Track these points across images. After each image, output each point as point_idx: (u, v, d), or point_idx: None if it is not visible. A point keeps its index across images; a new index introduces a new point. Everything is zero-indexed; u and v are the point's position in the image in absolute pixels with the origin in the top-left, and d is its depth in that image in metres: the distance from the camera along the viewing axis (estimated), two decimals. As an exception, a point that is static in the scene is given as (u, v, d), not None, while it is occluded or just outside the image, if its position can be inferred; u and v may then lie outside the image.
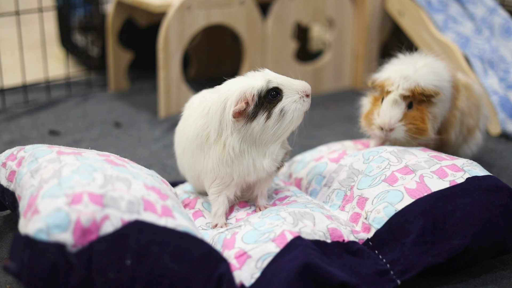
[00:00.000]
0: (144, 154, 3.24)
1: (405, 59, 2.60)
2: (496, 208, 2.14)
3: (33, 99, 3.97)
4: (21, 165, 2.16)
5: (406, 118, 2.48)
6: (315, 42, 5.17)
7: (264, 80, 2.21)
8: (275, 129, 2.21)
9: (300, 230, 2.07)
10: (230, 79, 2.30)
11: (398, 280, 2.03)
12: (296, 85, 2.26)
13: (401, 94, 2.47)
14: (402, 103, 2.48)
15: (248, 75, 2.27)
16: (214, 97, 2.25)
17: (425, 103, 2.49)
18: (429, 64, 2.54)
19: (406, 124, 2.49)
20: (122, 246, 1.81)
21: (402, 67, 2.52)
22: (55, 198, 1.83)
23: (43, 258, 1.73)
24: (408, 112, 2.49)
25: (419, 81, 2.46)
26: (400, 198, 2.20)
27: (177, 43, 3.60)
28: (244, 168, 2.24)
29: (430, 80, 2.47)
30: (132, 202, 1.91)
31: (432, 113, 2.51)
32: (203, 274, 1.86)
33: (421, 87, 2.44)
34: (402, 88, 2.47)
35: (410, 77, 2.47)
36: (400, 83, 2.47)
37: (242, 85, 2.21)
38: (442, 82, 2.51)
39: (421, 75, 2.47)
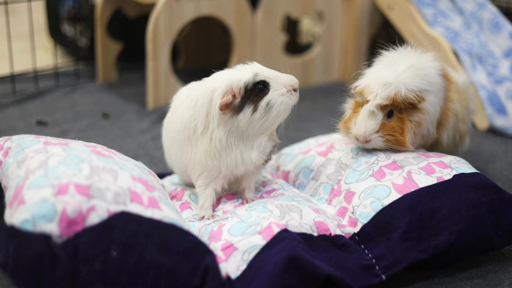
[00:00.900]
0: (131, 146, 3.24)
1: (390, 58, 2.45)
2: (482, 205, 2.15)
3: (21, 89, 3.95)
4: (7, 155, 2.15)
5: (384, 129, 2.34)
6: (304, 35, 5.16)
7: (251, 73, 2.20)
8: (262, 122, 2.21)
9: (287, 223, 2.08)
10: (218, 72, 2.29)
11: (383, 275, 2.03)
12: (284, 79, 2.25)
13: (378, 104, 2.32)
14: (380, 113, 2.33)
15: (236, 68, 2.27)
16: (202, 89, 2.25)
17: (408, 110, 2.34)
18: (414, 65, 2.37)
19: (384, 135, 2.34)
20: (108, 237, 1.81)
21: (383, 73, 2.36)
22: (41, 189, 1.83)
23: (28, 249, 1.72)
24: (387, 122, 2.34)
25: (400, 88, 2.30)
26: (387, 193, 2.20)
27: (166, 34, 3.59)
28: (231, 161, 2.23)
29: (414, 84, 2.32)
30: (119, 193, 1.91)
31: (415, 121, 2.36)
32: (189, 266, 1.86)
33: (401, 96, 2.29)
34: (380, 97, 2.31)
35: (390, 84, 2.30)
36: (379, 91, 2.31)
37: (229, 77, 2.20)
38: (429, 83, 2.37)
39: (403, 81, 2.31)
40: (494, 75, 3.60)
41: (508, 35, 3.72)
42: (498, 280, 2.12)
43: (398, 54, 2.47)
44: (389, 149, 2.39)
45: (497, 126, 3.43)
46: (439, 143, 2.56)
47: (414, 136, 2.38)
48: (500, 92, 3.55)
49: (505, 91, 3.56)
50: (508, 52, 3.70)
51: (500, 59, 3.67)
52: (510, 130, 3.41)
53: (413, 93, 2.31)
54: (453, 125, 2.56)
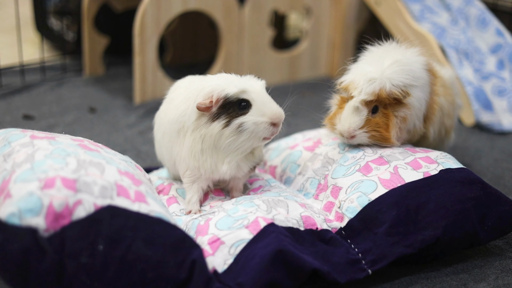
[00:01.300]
0: (118, 140, 3.23)
1: (375, 54, 2.45)
2: (468, 200, 2.16)
3: (7, 83, 3.93)
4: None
5: (369, 125, 2.34)
6: (291, 30, 5.16)
7: (239, 88, 2.16)
8: (230, 141, 2.17)
9: (274, 217, 2.08)
10: (224, 73, 2.29)
11: (369, 269, 2.04)
12: (269, 108, 2.19)
13: (363, 100, 2.32)
14: (364, 109, 2.33)
15: (238, 77, 2.24)
16: (198, 84, 2.24)
17: (394, 105, 2.34)
18: (399, 60, 2.36)
19: (369, 131, 2.35)
20: (95, 231, 1.81)
21: (368, 68, 2.35)
22: (28, 183, 1.82)
23: (15, 242, 1.72)
24: (372, 118, 2.34)
25: (385, 84, 2.30)
26: (374, 188, 2.21)
27: (153, 28, 3.58)
28: (208, 167, 2.23)
29: (399, 79, 2.32)
30: (105, 187, 1.91)
31: (400, 116, 2.36)
32: (175, 260, 1.86)
33: (386, 91, 2.30)
34: (365, 93, 2.30)
35: (375, 80, 2.30)
36: (364, 87, 2.31)
37: (219, 83, 2.18)
38: (414, 78, 2.36)
39: (388, 76, 2.31)
40: (480, 71, 3.61)
41: (494, 31, 3.74)
42: (484, 275, 2.13)
43: (384, 49, 2.47)
44: (374, 144, 2.39)
45: (483, 122, 3.44)
46: (425, 137, 2.56)
47: (400, 131, 2.38)
48: (487, 88, 3.56)
49: (491, 87, 3.57)
50: (494, 48, 3.71)
51: (486, 55, 3.69)
52: (496, 126, 3.42)
53: (398, 88, 2.30)
54: (439, 119, 2.56)
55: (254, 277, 1.88)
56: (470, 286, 2.07)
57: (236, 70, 3.92)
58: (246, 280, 1.88)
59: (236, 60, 3.96)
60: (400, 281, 2.09)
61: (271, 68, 4.12)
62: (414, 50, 2.48)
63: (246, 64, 4.00)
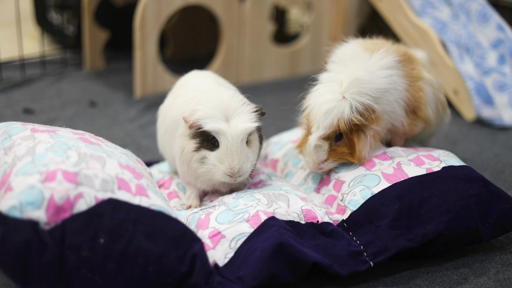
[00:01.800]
0: (119, 134, 3.23)
1: (335, 70, 2.32)
2: (470, 197, 2.16)
3: (8, 77, 3.93)
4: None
5: (333, 155, 2.27)
6: (292, 25, 5.16)
7: (214, 128, 2.13)
8: (196, 166, 2.20)
9: (274, 211, 2.08)
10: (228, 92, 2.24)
11: (371, 261, 2.04)
12: (229, 159, 2.14)
13: (321, 136, 2.22)
14: (325, 143, 2.23)
15: (236, 107, 2.18)
16: (202, 92, 2.27)
17: (360, 126, 2.23)
18: (358, 78, 2.23)
19: (334, 160, 2.28)
20: (96, 224, 1.81)
21: (323, 98, 2.23)
22: (29, 176, 1.82)
23: (15, 235, 1.72)
24: (336, 147, 2.26)
25: (343, 113, 2.18)
26: (377, 182, 2.21)
27: (153, 23, 3.57)
28: (188, 177, 2.29)
29: (357, 103, 2.20)
30: (106, 181, 1.90)
31: (370, 133, 2.26)
32: (176, 254, 1.86)
33: (345, 121, 2.19)
34: (322, 128, 2.21)
35: (331, 111, 2.19)
36: (321, 122, 2.21)
37: (206, 110, 2.16)
38: (377, 93, 2.24)
39: (346, 104, 2.19)
40: (481, 66, 3.61)
41: (495, 26, 3.73)
42: (484, 270, 2.13)
43: (346, 60, 2.34)
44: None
45: (484, 117, 3.44)
46: (427, 122, 2.48)
47: (374, 144, 2.29)
48: (488, 83, 3.56)
49: (492, 82, 3.57)
50: (495, 43, 3.71)
51: (487, 50, 3.68)
52: (497, 121, 3.42)
53: (357, 113, 2.20)
54: (433, 97, 2.45)
55: (255, 270, 1.89)
56: (470, 280, 2.07)
57: (237, 64, 3.92)
58: (247, 274, 1.89)
59: (237, 55, 3.96)
60: (401, 275, 2.09)
61: (271, 63, 4.11)
62: (379, 54, 2.33)
63: (246, 58, 3.99)
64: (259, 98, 3.76)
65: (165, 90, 3.71)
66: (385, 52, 2.34)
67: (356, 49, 2.37)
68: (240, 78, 4.01)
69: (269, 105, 3.63)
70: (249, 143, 2.19)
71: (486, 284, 2.06)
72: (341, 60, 2.36)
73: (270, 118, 3.28)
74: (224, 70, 3.92)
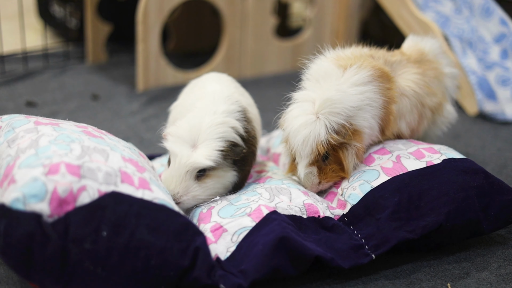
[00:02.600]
0: (121, 127, 3.23)
1: (307, 92, 2.26)
2: (471, 189, 2.16)
3: (10, 70, 3.93)
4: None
5: (325, 176, 2.24)
6: (295, 19, 5.15)
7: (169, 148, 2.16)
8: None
9: (276, 205, 2.08)
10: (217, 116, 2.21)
11: (372, 254, 2.04)
12: (170, 182, 2.15)
13: (306, 165, 2.20)
14: (313, 168, 2.21)
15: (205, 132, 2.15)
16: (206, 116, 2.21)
17: (341, 144, 2.20)
18: (329, 98, 2.17)
19: (328, 181, 2.25)
20: (99, 217, 1.81)
21: (298, 121, 2.18)
22: (32, 168, 1.82)
23: (19, 228, 1.72)
24: (324, 167, 2.23)
25: (320, 136, 2.14)
26: (376, 176, 2.21)
27: (156, 16, 3.57)
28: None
29: (335, 122, 2.15)
30: (110, 174, 1.91)
31: (353, 149, 2.22)
32: (179, 247, 1.86)
33: (323, 144, 2.15)
34: (305, 157, 2.18)
35: (308, 138, 2.15)
36: (301, 151, 2.17)
37: (182, 124, 2.17)
38: (349, 112, 2.19)
39: (321, 125, 2.15)
40: (484, 60, 3.61)
41: (498, 21, 3.73)
42: (486, 264, 2.14)
43: (318, 79, 2.29)
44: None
45: (486, 112, 3.44)
46: (400, 136, 2.45)
47: (358, 158, 2.27)
48: (490, 77, 3.56)
49: (495, 76, 3.57)
50: (498, 37, 3.70)
51: (490, 44, 3.68)
52: (499, 115, 3.42)
53: (333, 132, 2.16)
54: (411, 108, 2.40)
55: (257, 264, 1.89)
56: (472, 274, 2.08)
57: (239, 58, 3.92)
58: (249, 267, 1.89)
59: (239, 48, 3.95)
60: (402, 268, 2.09)
61: (274, 56, 4.11)
62: (351, 71, 2.26)
63: (249, 52, 3.99)
64: (261, 91, 3.76)
65: (167, 84, 3.72)
66: (358, 68, 2.27)
67: (329, 66, 2.31)
68: (242, 71, 4.00)
69: (271, 99, 3.63)
70: (205, 178, 2.15)
71: (488, 278, 2.06)
72: (314, 77, 2.31)
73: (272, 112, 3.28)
74: (227, 63, 3.92)
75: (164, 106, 3.49)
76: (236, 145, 2.18)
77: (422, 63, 2.50)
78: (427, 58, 2.54)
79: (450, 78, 2.61)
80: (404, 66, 2.44)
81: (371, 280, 2.03)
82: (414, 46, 2.59)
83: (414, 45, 2.60)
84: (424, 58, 2.53)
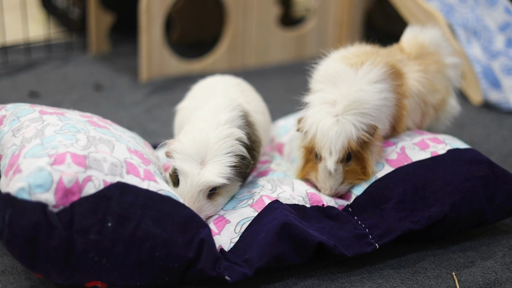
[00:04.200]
0: (124, 118, 3.23)
1: (326, 95, 2.22)
2: (476, 178, 2.15)
3: (13, 60, 3.93)
4: (2, 123, 2.14)
5: (347, 177, 2.20)
6: (298, 8, 5.14)
7: (177, 166, 2.05)
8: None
9: (278, 195, 2.09)
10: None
11: (376, 243, 2.04)
12: (187, 193, 2.04)
13: (336, 161, 2.15)
14: (340, 166, 2.17)
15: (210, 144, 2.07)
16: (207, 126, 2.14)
17: (365, 144, 2.18)
18: (357, 99, 2.17)
19: (350, 182, 2.21)
20: (104, 208, 1.81)
21: (326, 121, 2.15)
22: (38, 158, 1.82)
23: (24, 217, 1.72)
24: (347, 168, 2.19)
25: (352, 133, 2.13)
26: (381, 168, 2.22)
27: (159, 6, 3.56)
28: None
29: (361, 123, 2.15)
30: (115, 165, 1.90)
31: (374, 149, 2.22)
32: (184, 239, 1.86)
33: (354, 141, 2.13)
34: (337, 152, 2.13)
35: (340, 133, 2.13)
36: (332, 145, 2.13)
37: (186, 141, 2.07)
38: (375, 111, 2.19)
39: (350, 124, 2.14)
40: (489, 49, 3.60)
41: (503, 9, 3.72)
42: (491, 253, 2.13)
43: (332, 80, 2.26)
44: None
45: (491, 101, 3.43)
46: (408, 129, 2.44)
47: (379, 156, 2.26)
48: (495, 66, 3.55)
49: (499, 65, 3.56)
50: (503, 26, 3.69)
51: (495, 33, 3.67)
52: (504, 104, 3.41)
53: (363, 131, 2.15)
54: (415, 107, 2.39)
55: (260, 252, 1.89)
56: (477, 263, 2.08)
57: (243, 48, 3.91)
58: (252, 256, 1.89)
59: (242, 38, 3.94)
60: (407, 258, 2.09)
61: (277, 46, 4.10)
62: (365, 66, 2.25)
63: (252, 42, 3.98)
64: (265, 81, 3.76)
65: (170, 74, 3.72)
66: (371, 65, 2.26)
67: (340, 66, 2.28)
68: (246, 61, 4.00)
69: (275, 89, 3.62)
70: (215, 196, 2.08)
71: (493, 267, 2.06)
72: (326, 79, 2.27)
73: (276, 102, 3.27)
74: (230, 53, 3.91)
75: (167, 96, 3.49)
76: (244, 157, 2.11)
77: (423, 58, 2.47)
78: (428, 51, 2.50)
79: (453, 68, 2.57)
80: (405, 65, 2.41)
81: (376, 269, 2.04)
82: (413, 39, 2.54)
83: (413, 38, 2.54)
84: (424, 52, 2.49)
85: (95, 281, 1.82)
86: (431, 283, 1.97)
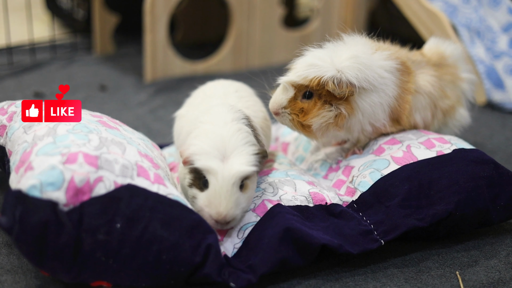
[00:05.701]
0: (129, 118, 3.24)
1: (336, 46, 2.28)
2: (481, 178, 2.16)
3: (18, 61, 3.94)
4: (12, 119, 2.15)
5: (292, 108, 2.22)
6: (302, 9, 5.15)
7: (205, 165, 1.96)
8: (190, 202, 2.05)
9: (280, 197, 2.09)
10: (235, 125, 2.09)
11: (381, 240, 2.04)
12: (217, 203, 1.96)
13: (291, 81, 2.19)
14: (291, 89, 2.20)
15: (236, 143, 2.02)
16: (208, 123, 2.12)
17: (334, 99, 2.18)
18: (358, 56, 2.20)
19: (290, 113, 2.22)
20: (113, 209, 1.81)
21: (319, 54, 2.22)
22: (50, 156, 1.82)
23: (34, 215, 1.72)
24: (300, 102, 2.21)
25: (324, 75, 2.14)
26: (387, 165, 2.22)
27: (164, 6, 3.57)
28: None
29: (349, 75, 2.15)
30: (126, 167, 1.91)
31: (338, 112, 2.20)
32: (191, 243, 1.85)
33: (320, 81, 2.15)
34: (296, 75, 2.18)
35: (314, 66, 2.16)
36: (299, 69, 2.19)
37: (202, 145, 2.01)
38: (368, 81, 2.18)
39: (333, 71, 2.15)
40: (492, 49, 3.60)
41: (506, 10, 3.72)
42: (495, 252, 2.14)
43: (354, 42, 2.31)
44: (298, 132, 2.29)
45: (495, 101, 3.44)
46: (415, 127, 2.44)
47: (329, 126, 2.23)
48: (498, 66, 3.55)
49: (503, 65, 3.56)
50: (506, 27, 3.70)
51: (498, 34, 3.68)
52: (508, 104, 3.42)
53: (336, 83, 2.15)
54: (426, 105, 2.41)
55: (264, 257, 1.90)
56: (481, 262, 2.08)
57: (247, 48, 3.92)
58: (256, 261, 1.90)
59: (247, 39, 3.96)
60: (411, 257, 2.10)
61: (281, 47, 4.11)
62: (383, 53, 2.29)
63: (256, 42, 3.99)
64: (269, 82, 3.76)
65: (175, 74, 3.73)
66: (388, 55, 2.29)
67: (362, 40, 2.32)
68: (250, 62, 4.01)
69: (279, 89, 3.63)
70: (244, 188, 2.01)
71: (497, 266, 2.07)
72: (350, 40, 2.32)
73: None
74: (234, 54, 3.92)
75: (171, 96, 3.50)
76: (259, 152, 2.06)
77: (441, 67, 2.50)
78: (447, 63, 2.53)
79: (467, 83, 2.59)
80: (423, 67, 2.44)
81: (380, 268, 2.04)
82: (435, 48, 2.58)
83: (435, 48, 2.59)
84: (443, 62, 2.52)
85: (101, 281, 1.82)
86: (435, 282, 1.98)
